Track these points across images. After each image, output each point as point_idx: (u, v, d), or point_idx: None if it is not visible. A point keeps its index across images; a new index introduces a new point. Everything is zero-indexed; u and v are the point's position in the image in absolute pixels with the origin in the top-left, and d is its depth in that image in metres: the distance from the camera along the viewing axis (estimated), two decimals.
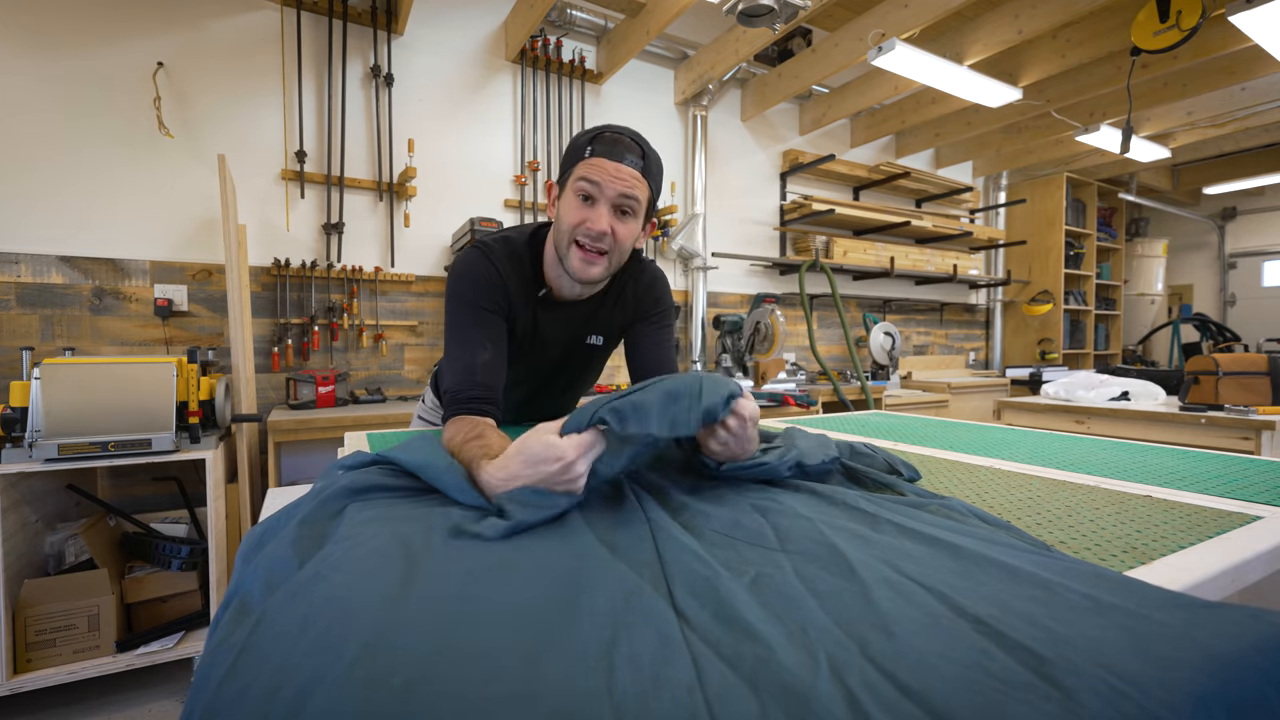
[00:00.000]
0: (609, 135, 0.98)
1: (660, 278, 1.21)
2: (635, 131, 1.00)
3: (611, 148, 0.96)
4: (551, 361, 1.21)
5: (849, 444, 0.90)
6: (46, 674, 1.72)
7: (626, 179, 0.97)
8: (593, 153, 0.97)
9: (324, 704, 0.31)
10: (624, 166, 0.96)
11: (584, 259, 1.01)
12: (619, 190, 0.97)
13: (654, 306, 1.18)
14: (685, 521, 0.60)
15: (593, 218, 0.98)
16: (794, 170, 4.20)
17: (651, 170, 1.00)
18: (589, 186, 0.97)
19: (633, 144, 0.98)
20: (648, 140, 1.01)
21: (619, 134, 0.98)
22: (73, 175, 2.35)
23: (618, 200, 0.98)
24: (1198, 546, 0.59)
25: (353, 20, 2.82)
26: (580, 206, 0.99)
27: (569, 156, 1.01)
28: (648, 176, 1.00)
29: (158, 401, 1.81)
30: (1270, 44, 2.97)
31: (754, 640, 0.37)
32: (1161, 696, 0.30)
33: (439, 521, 0.57)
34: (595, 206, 0.98)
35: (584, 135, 1.00)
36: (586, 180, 0.97)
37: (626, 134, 0.98)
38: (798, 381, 3.81)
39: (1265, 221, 7.06)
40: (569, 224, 1.00)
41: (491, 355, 1.02)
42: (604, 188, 0.96)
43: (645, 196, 1.01)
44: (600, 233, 0.98)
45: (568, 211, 1.00)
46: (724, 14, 2.57)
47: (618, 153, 0.96)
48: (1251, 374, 2.35)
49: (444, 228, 3.06)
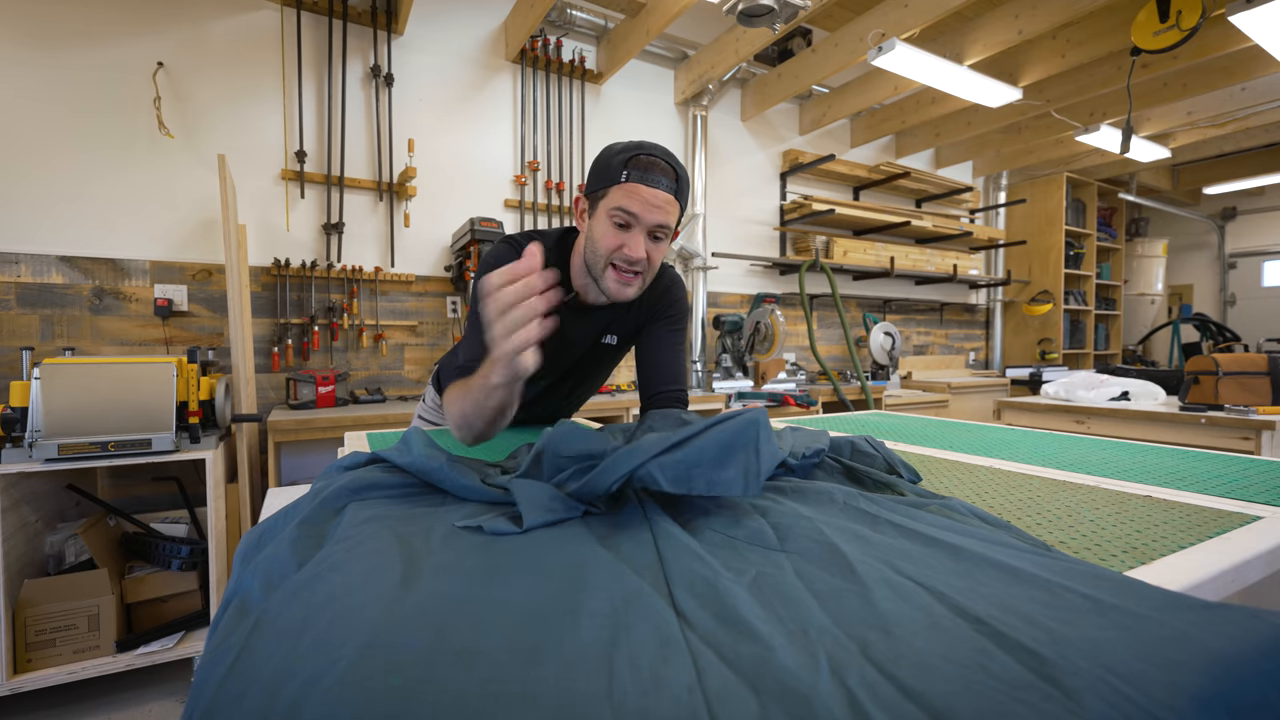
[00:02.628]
0: (644, 159, 0.96)
1: (677, 281, 1.22)
2: (667, 151, 1.00)
3: (647, 174, 0.96)
4: (568, 361, 1.22)
5: (849, 441, 0.90)
6: (46, 674, 1.72)
7: (663, 207, 0.97)
8: (629, 177, 0.96)
9: (323, 704, 0.31)
10: (660, 193, 0.96)
11: (620, 280, 1.02)
12: (656, 221, 0.97)
13: (670, 309, 1.20)
14: (685, 522, 0.60)
15: (630, 244, 0.98)
16: (794, 170, 4.20)
17: (683, 191, 1.01)
18: (626, 216, 0.97)
19: (667, 168, 0.97)
20: (677, 158, 1.01)
21: (653, 156, 0.97)
22: (73, 175, 2.35)
23: (653, 228, 0.98)
24: (1198, 546, 0.59)
25: (353, 20, 2.82)
26: (616, 232, 0.99)
27: (601, 174, 1.00)
28: (679, 198, 1.00)
29: (158, 401, 1.81)
30: (1270, 44, 2.97)
31: (754, 640, 0.37)
32: (1163, 697, 0.30)
33: (439, 521, 0.57)
34: (631, 232, 0.98)
35: (618, 154, 0.98)
36: (623, 210, 0.97)
37: (660, 155, 0.98)
38: (798, 381, 3.81)
39: (1265, 221, 7.06)
40: (606, 248, 1.00)
41: None
42: (641, 218, 0.97)
43: (676, 218, 1.01)
44: (638, 259, 0.99)
45: (603, 235, 1.00)
46: (724, 14, 2.57)
47: (653, 179, 0.96)
48: (1251, 374, 2.34)
49: (444, 228, 3.06)
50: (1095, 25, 3.30)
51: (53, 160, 2.32)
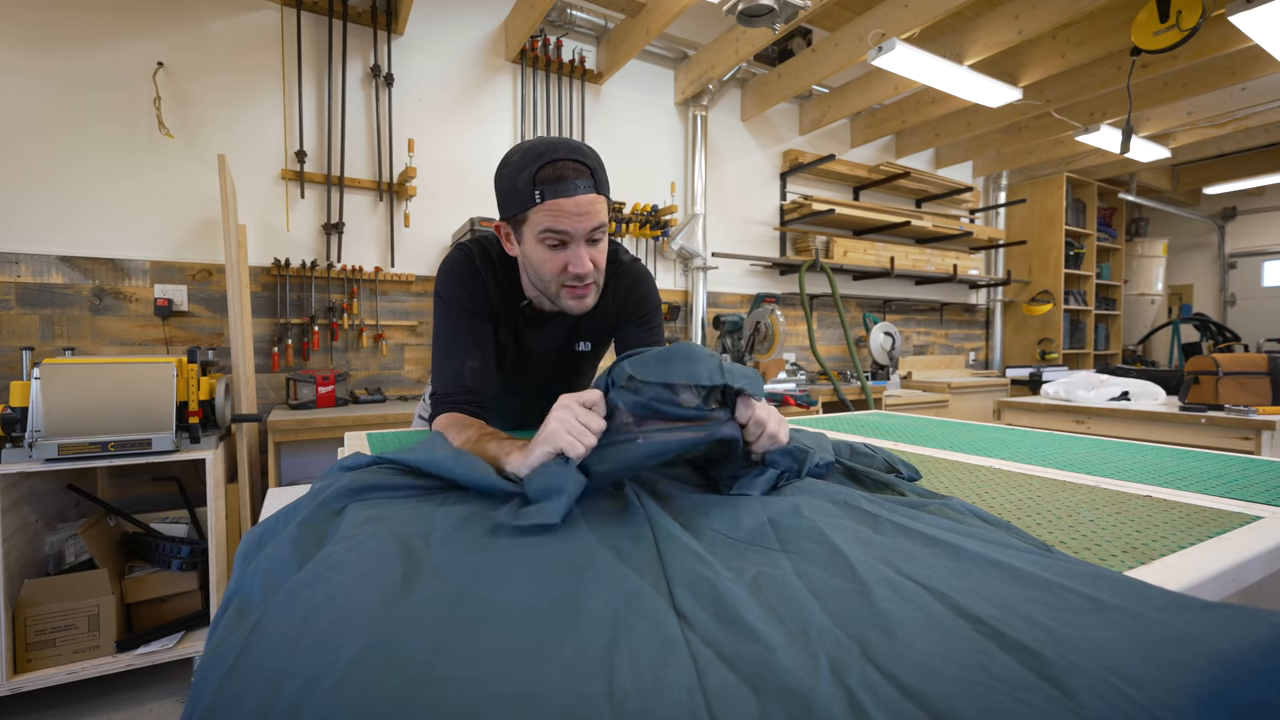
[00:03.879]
0: (550, 169, 0.87)
1: (642, 277, 1.16)
2: (569, 145, 0.90)
3: (560, 185, 0.87)
4: (541, 371, 1.21)
5: (848, 444, 0.90)
6: (46, 674, 1.72)
7: (590, 212, 0.90)
8: (543, 195, 0.87)
9: (323, 704, 0.31)
10: (581, 199, 0.88)
11: (575, 295, 0.98)
12: (588, 227, 0.91)
13: (640, 308, 1.15)
14: (686, 522, 0.60)
15: (573, 261, 0.93)
16: (794, 170, 4.20)
17: (601, 180, 0.92)
18: (558, 236, 0.91)
19: (579, 166, 0.88)
20: (581, 145, 0.92)
21: (558, 160, 0.88)
22: (73, 175, 2.35)
23: (588, 235, 0.92)
24: (1198, 546, 0.59)
25: (353, 20, 2.82)
26: (553, 254, 0.93)
27: (512, 198, 0.91)
28: (600, 189, 0.91)
29: (158, 401, 1.81)
30: (1270, 44, 2.97)
31: (754, 641, 0.37)
32: (1163, 697, 0.30)
33: (439, 522, 0.57)
34: (571, 249, 0.93)
35: (521, 172, 0.88)
36: (552, 231, 0.90)
37: (564, 156, 0.88)
38: (798, 381, 3.81)
39: (1265, 221, 7.06)
40: (550, 273, 0.95)
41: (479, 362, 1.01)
42: (573, 232, 0.90)
43: (605, 209, 0.94)
44: (585, 272, 0.94)
45: (542, 261, 0.94)
46: (724, 14, 2.56)
47: (568, 187, 0.87)
48: (1251, 374, 2.34)
49: (444, 228, 3.06)
50: (1095, 25, 3.30)
51: (53, 160, 2.32)
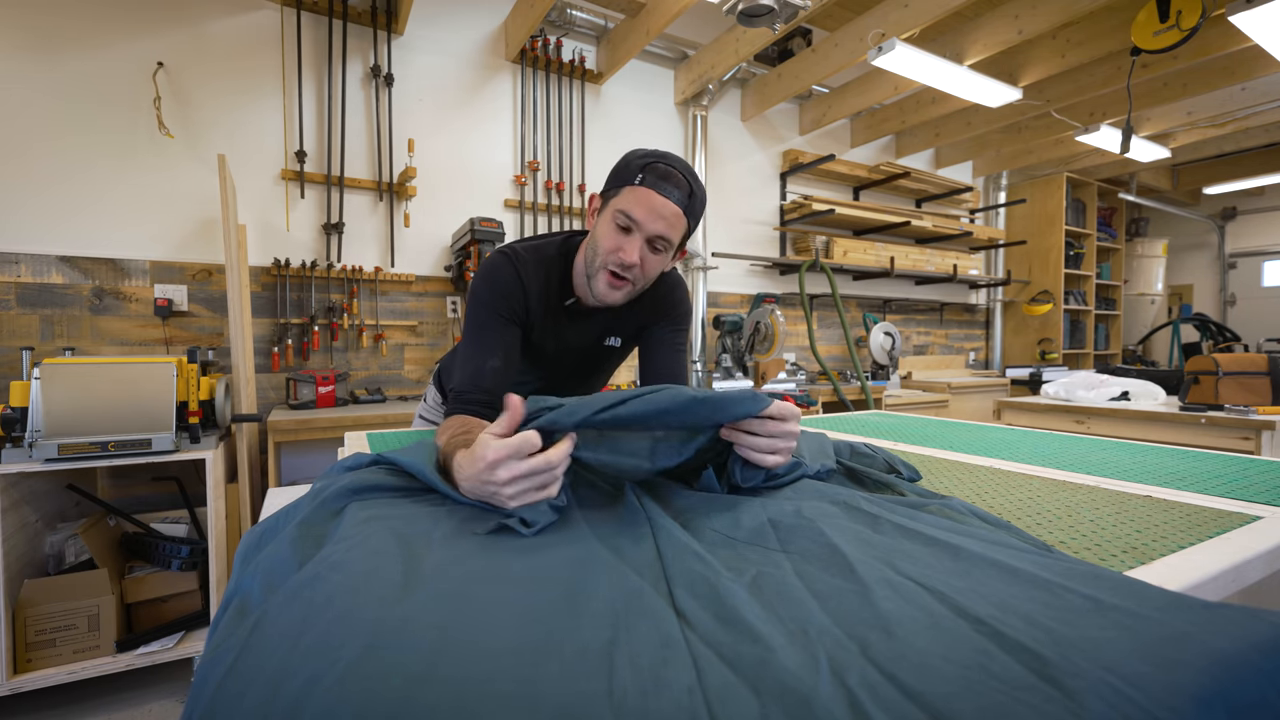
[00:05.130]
0: (662, 167, 0.97)
1: (680, 284, 1.22)
2: (687, 165, 1.00)
3: (660, 182, 0.96)
4: (569, 362, 1.23)
5: (849, 444, 0.90)
6: (46, 674, 1.72)
7: (668, 218, 0.97)
8: (642, 181, 0.96)
9: (324, 704, 0.31)
10: (668, 203, 0.96)
11: (610, 283, 1.02)
12: (656, 230, 0.97)
13: (671, 310, 1.19)
14: (686, 522, 0.60)
15: (626, 248, 0.98)
16: (794, 170, 4.20)
17: (694, 209, 1.00)
18: (629, 220, 0.97)
19: (683, 180, 0.97)
20: (696, 175, 1.01)
21: (671, 167, 0.97)
22: (73, 175, 2.35)
23: (653, 237, 0.98)
24: (1198, 546, 0.59)
25: (353, 20, 2.82)
26: (616, 233, 0.99)
27: (619, 175, 1.00)
28: (689, 215, 1.00)
29: (158, 401, 1.81)
30: (1270, 44, 2.97)
31: (754, 641, 0.37)
32: (1163, 697, 0.30)
33: (440, 521, 0.57)
34: (631, 237, 0.99)
35: (638, 158, 0.99)
36: (626, 214, 0.97)
37: (678, 168, 0.98)
38: (798, 381, 3.81)
39: (1265, 221, 7.06)
40: (604, 249, 1.01)
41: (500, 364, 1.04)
42: (643, 225, 0.97)
43: (681, 234, 1.01)
44: (631, 264, 0.99)
45: (604, 236, 1.01)
46: (724, 14, 2.56)
47: (665, 188, 0.96)
48: (1251, 374, 2.34)
49: (444, 228, 3.06)
50: (1095, 25, 3.30)
51: (53, 160, 2.32)
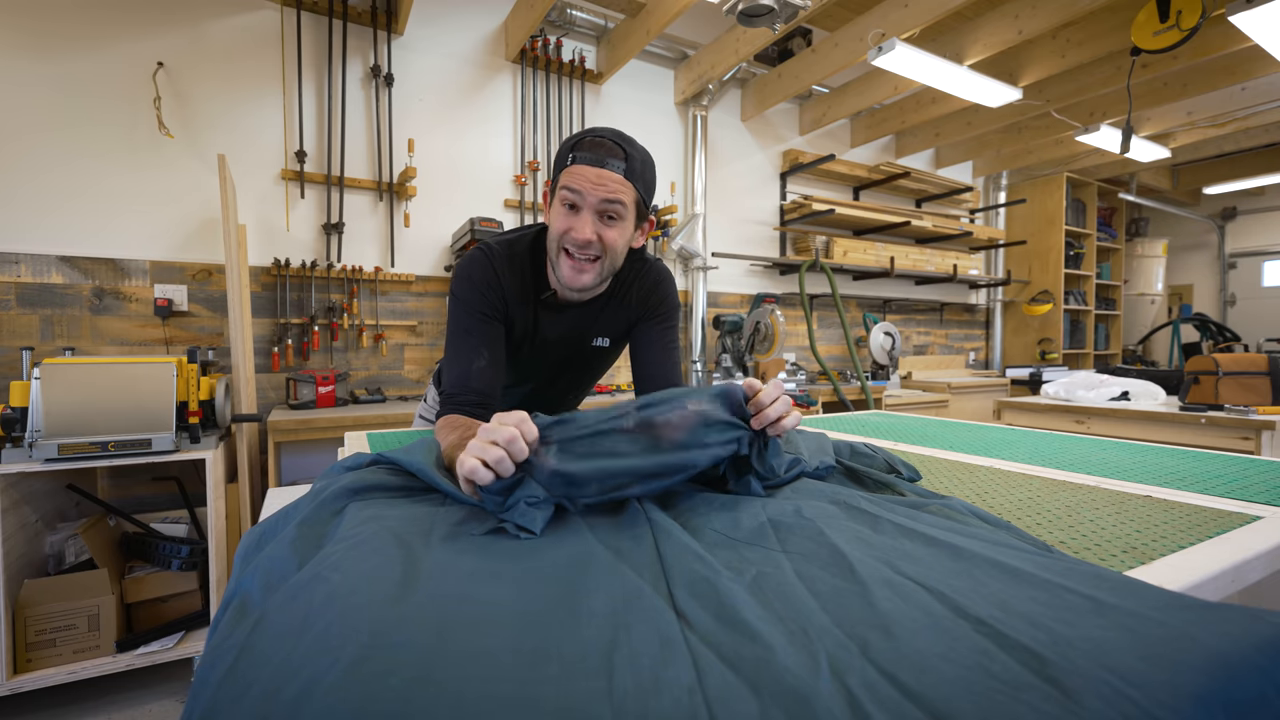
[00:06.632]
0: (590, 140, 0.97)
1: (666, 277, 1.21)
2: (619, 133, 0.99)
3: (593, 153, 0.96)
4: (554, 361, 1.22)
5: (849, 444, 0.90)
6: (46, 674, 1.72)
7: (608, 184, 0.96)
8: (575, 160, 0.96)
9: (323, 704, 0.31)
10: (605, 171, 0.95)
11: (573, 267, 1.01)
12: (601, 197, 0.96)
13: (659, 306, 1.18)
14: (685, 522, 0.60)
15: (577, 226, 0.98)
16: (794, 170, 4.20)
17: (636, 170, 0.98)
18: (571, 195, 0.97)
19: (615, 146, 0.97)
20: (633, 140, 1.00)
21: (600, 138, 0.97)
22: (73, 175, 2.35)
23: (601, 207, 0.97)
24: (1198, 546, 0.59)
25: (353, 20, 2.82)
26: (565, 215, 0.99)
27: (557, 163, 1.01)
28: (632, 178, 0.98)
29: (158, 401, 1.81)
30: (1270, 44, 2.97)
31: (754, 641, 0.37)
32: (1163, 697, 0.30)
33: (439, 521, 0.57)
34: (579, 214, 0.98)
35: (569, 140, 0.99)
36: (568, 189, 0.97)
37: (609, 136, 0.97)
38: (798, 381, 3.81)
39: (1265, 221, 7.06)
40: (556, 232, 1.01)
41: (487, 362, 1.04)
42: (585, 195, 0.96)
43: (632, 198, 0.99)
44: (585, 241, 0.98)
45: (554, 219, 1.01)
46: (724, 14, 2.56)
47: (599, 158, 0.95)
48: (1251, 374, 2.34)
49: (444, 228, 3.06)
50: (1095, 25, 3.29)
51: (53, 160, 2.32)
